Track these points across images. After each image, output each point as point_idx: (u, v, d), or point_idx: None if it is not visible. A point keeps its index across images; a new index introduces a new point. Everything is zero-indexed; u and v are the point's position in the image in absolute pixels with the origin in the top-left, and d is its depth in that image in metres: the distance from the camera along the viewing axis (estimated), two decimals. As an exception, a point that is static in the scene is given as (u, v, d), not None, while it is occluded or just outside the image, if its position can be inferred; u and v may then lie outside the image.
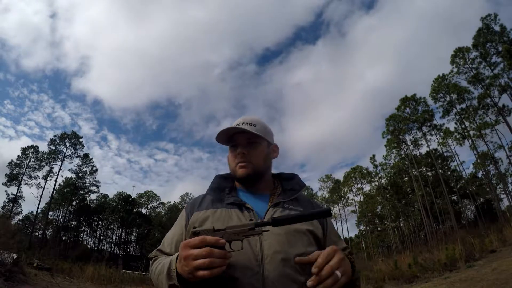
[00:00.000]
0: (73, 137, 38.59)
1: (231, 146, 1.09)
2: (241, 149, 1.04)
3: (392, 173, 36.15)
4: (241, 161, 1.04)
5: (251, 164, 1.04)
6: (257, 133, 1.03)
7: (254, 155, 1.05)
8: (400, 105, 32.67)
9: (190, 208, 1.05)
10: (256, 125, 1.07)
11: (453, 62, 27.47)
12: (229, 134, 1.07)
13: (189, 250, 0.74)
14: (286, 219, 0.81)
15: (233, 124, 1.07)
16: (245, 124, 1.06)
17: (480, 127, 26.16)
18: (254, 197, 1.05)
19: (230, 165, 1.09)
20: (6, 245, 10.54)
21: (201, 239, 0.74)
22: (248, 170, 1.03)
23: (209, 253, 0.71)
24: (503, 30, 24.06)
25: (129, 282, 16.79)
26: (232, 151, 1.08)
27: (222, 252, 0.73)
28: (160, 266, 0.89)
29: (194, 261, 0.72)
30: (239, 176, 1.05)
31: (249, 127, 1.04)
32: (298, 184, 1.11)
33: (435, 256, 12.16)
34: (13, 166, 35.04)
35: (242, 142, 1.06)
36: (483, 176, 31.41)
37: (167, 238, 1.05)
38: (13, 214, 33.77)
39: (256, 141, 1.06)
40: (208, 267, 0.71)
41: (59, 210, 40.38)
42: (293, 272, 0.87)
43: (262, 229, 0.79)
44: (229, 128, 1.04)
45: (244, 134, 1.05)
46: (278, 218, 0.80)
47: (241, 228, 0.79)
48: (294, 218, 0.81)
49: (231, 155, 1.08)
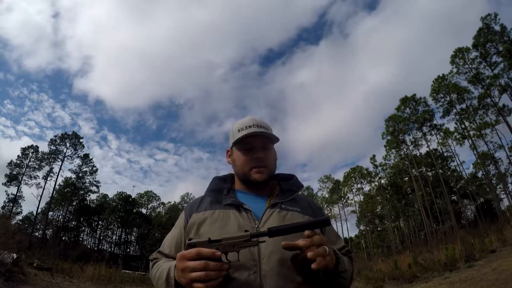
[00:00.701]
0: (73, 137, 38.63)
1: (244, 148, 1.05)
2: (258, 153, 1.02)
3: (392, 173, 36.16)
4: (259, 165, 1.02)
5: (267, 169, 1.04)
6: (274, 137, 1.04)
7: (269, 159, 1.05)
8: (400, 105, 32.67)
9: (189, 210, 1.05)
10: (267, 128, 1.06)
11: (453, 62, 27.50)
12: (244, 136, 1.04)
13: (185, 262, 0.75)
14: (282, 229, 0.80)
15: (243, 125, 1.06)
16: (259, 126, 1.04)
17: (480, 127, 26.16)
18: (252, 198, 1.05)
19: (240, 167, 1.05)
20: (6, 245, 10.54)
21: (197, 251, 0.74)
22: (265, 175, 1.03)
23: (205, 266, 0.72)
24: (504, 30, 24.06)
25: (129, 282, 16.82)
26: (245, 153, 1.04)
27: (218, 264, 0.74)
28: (160, 271, 0.90)
29: (190, 274, 0.73)
30: (254, 181, 1.02)
31: (265, 131, 1.03)
32: (296, 185, 1.10)
33: (435, 256, 12.17)
34: (13, 166, 35.07)
35: (258, 145, 1.04)
36: (483, 176, 31.42)
37: (167, 240, 1.06)
38: (13, 214, 33.81)
39: (269, 146, 1.07)
40: (204, 280, 0.72)
41: (59, 210, 40.41)
42: (290, 272, 0.87)
43: (259, 240, 0.79)
44: (256, 132, 1.02)
45: (259, 137, 1.04)
46: (274, 229, 0.80)
47: (237, 239, 0.78)
48: (290, 229, 0.80)
49: (244, 158, 1.04)
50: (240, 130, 1.05)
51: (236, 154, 1.07)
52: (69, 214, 40.94)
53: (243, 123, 1.07)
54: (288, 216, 0.98)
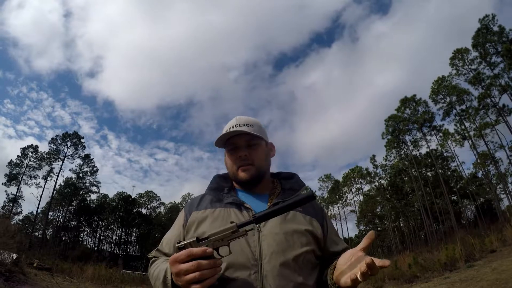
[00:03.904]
0: (74, 137, 38.65)
1: (229, 149, 1.05)
2: (241, 151, 1.02)
3: (392, 174, 36.17)
4: (243, 164, 1.01)
5: (254, 166, 1.02)
6: (256, 134, 1.02)
7: (255, 156, 1.03)
8: (400, 106, 32.69)
9: (189, 208, 1.04)
10: (253, 125, 1.05)
11: (452, 64, 27.52)
12: (226, 138, 1.04)
13: (178, 266, 0.74)
14: (267, 213, 0.77)
15: (228, 126, 1.05)
16: (242, 125, 1.03)
17: (481, 127, 26.16)
18: (253, 197, 1.04)
19: (229, 168, 1.06)
20: (6, 245, 10.53)
21: (187, 253, 0.73)
22: (251, 172, 1.02)
23: (198, 267, 0.71)
24: (502, 30, 24.09)
25: (129, 282, 16.82)
26: (231, 154, 1.04)
27: (211, 262, 0.73)
28: (157, 271, 0.90)
29: (185, 277, 0.72)
30: (241, 180, 1.02)
31: (246, 128, 1.01)
32: (297, 184, 1.09)
33: (435, 256, 12.17)
34: (12, 166, 35.06)
35: (241, 144, 1.03)
36: (483, 176, 31.41)
37: (166, 238, 1.05)
38: (13, 214, 33.78)
39: (255, 142, 1.04)
40: (200, 280, 0.71)
41: (59, 210, 40.41)
42: (291, 273, 0.87)
43: (246, 229, 0.77)
44: (228, 133, 1.01)
45: (242, 136, 1.02)
46: (259, 214, 0.77)
47: (224, 232, 0.76)
48: (276, 211, 0.78)
49: (230, 158, 1.04)
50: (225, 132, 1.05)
51: (226, 156, 1.08)
52: (69, 214, 40.96)
53: (228, 125, 1.06)
54: (290, 216, 0.97)
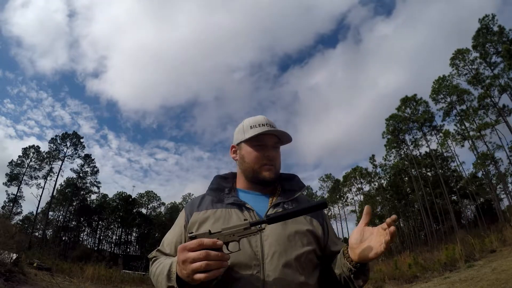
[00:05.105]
0: (74, 137, 38.65)
1: (256, 145, 1.04)
2: (269, 151, 1.04)
3: (392, 173, 36.16)
4: (270, 163, 1.03)
5: (276, 168, 1.05)
6: (289, 139, 1.07)
7: (277, 159, 1.06)
8: (400, 105, 32.69)
9: (190, 209, 1.04)
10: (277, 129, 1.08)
11: (452, 64, 27.52)
12: (260, 133, 1.04)
13: (186, 254, 0.74)
14: (281, 215, 0.80)
15: (257, 122, 1.07)
16: (273, 127, 1.06)
17: (480, 127, 26.15)
18: (254, 197, 1.05)
19: (250, 163, 1.04)
20: (6, 245, 10.53)
21: (198, 242, 0.74)
22: (274, 173, 1.04)
23: (206, 256, 0.72)
24: (502, 30, 24.09)
25: (129, 282, 16.82)
26: (257, 150, 1.04)
27: (219, 254, 0.73)
28: (161, 267, 0.90)
29: (191, 264, 0.73)
30: (263, 178, 1.03)
31: (281, 130, 1.05)
32: (298, 185, 1.10)
33: (435, 256, 12.17)
34: (13, 166, 35.07)
35: (270, 144, 1.05)
36: (483, 176, 31.40)
37: (167, 238, 1.05)
38: (13, 214, 33.80)
39: (279, 146, 1.09)
40: (205, 270, 0.72)
41: (59, 210, 40.44)
42: (293, 272, 0.88)
43: (258, 228, 0.79)
44: (273, 130, 1.04)
45: (272, 136, 1.05)
46: (273, 215, 0.80)
47: (237, 228, 0.78)
48: (289, 214, 0.80)
49: (256, 154, 1.03)
50: (252, 127, 1.06)
51: (246, 150, 1.06)
52: (69, 214, 40.98)
53: (255, 121, 1.07)
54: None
